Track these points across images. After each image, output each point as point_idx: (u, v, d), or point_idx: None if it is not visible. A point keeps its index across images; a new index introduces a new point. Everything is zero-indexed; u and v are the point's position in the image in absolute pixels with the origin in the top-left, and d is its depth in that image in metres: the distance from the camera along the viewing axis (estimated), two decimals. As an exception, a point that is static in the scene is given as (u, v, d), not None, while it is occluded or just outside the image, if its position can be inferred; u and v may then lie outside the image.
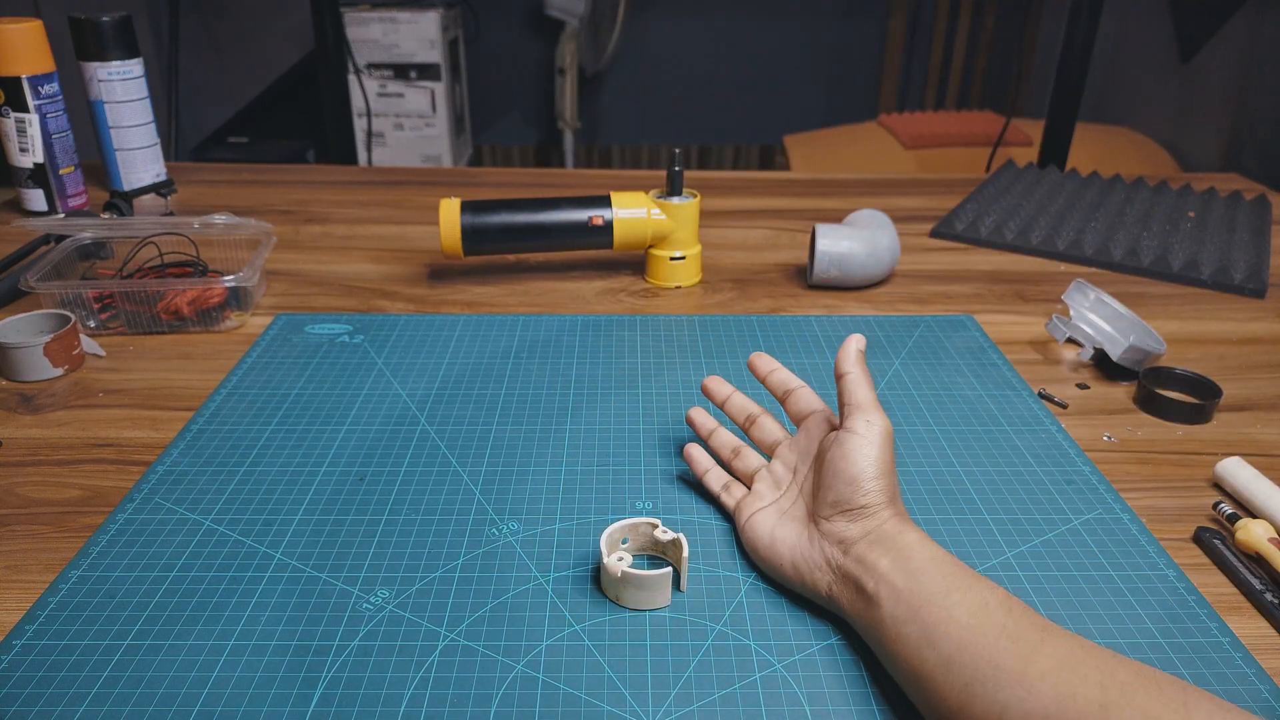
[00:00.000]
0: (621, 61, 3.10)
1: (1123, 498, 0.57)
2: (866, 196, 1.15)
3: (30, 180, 0.99)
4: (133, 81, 1.03)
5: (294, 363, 0.71)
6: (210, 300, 0.76)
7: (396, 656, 0.44)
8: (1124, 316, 0.72)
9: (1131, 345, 0.69)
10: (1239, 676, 0.44)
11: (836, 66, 3.13)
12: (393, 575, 0.49)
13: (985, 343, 0.76)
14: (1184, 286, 0.90)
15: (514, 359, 0.72)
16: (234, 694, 0.42)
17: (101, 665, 0.43)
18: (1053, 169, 1.22)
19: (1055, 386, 0.70)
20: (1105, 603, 0.48)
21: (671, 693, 0.43)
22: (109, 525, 0.53)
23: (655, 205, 0.85)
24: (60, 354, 0.69)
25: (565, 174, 1.23)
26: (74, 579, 0.49)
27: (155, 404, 0.66)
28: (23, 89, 0.95)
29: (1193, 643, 0.46)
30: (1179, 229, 1.00)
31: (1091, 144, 1.90)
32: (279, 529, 0.53)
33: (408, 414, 0.65)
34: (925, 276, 0.91)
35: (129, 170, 1.06)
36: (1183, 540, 0.54)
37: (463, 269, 0.91)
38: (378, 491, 0.56)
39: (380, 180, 1.20)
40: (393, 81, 2.66)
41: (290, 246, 0.95)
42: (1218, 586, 0.50)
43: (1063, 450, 0.62)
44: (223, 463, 0.59)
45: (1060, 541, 0.53)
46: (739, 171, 1.26)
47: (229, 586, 0.48)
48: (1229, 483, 0.57)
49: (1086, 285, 0.74)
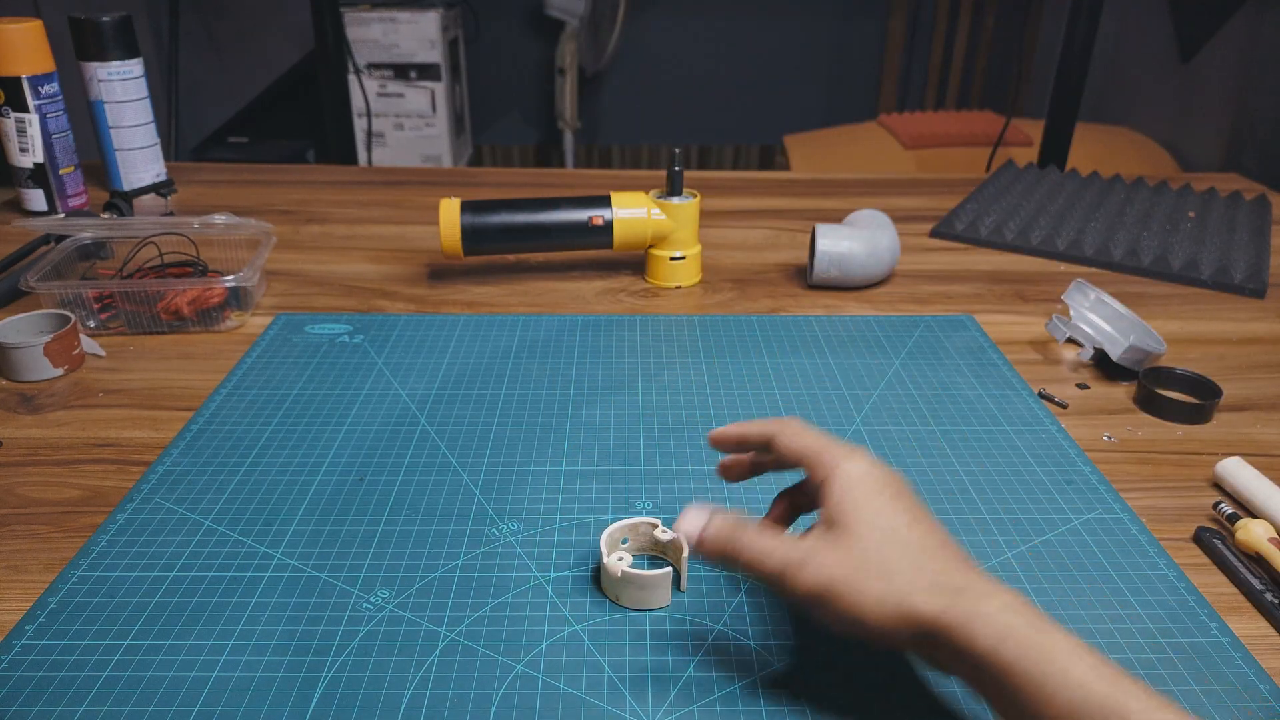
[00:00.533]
0: (621, 61, 3.10)
1: (1123, 498, 0.57)
2: (866, 196, 1.15)
3: (30, 180, 0.99)
4: (133, 81, 1.03)
5: (294, 363, 0.71)
6: (210, 300, 0.76)
7: (396, 656, 0.44)
8: (1124, 316, 0.72)
9: (1131, 345, 0.69)
10: (1239, 676, 0.44)
11: (836, 66, 3.13)
12: (393, 575, 0.49)
13: (985, 343, 0.76)
14: (1184, 286, 0.90)
15: (514, 359, 0.72)
16: (234, 694, 0.42)
17: (101, 665, 0.43)
18: (1053, 169, 1.22)
19: (1055, 386, 0.70)
20: (1105, 603, 0.48)
21: (672, 693, 0.43)
22: (109, 525, 0.53)
23: (655, 205, 0.85)
24: (60, 354, 0.69)
25: (565, 174, 1.23)
26: (74, 579, 0.49)
27: (155, 404, 0.66)
28: (23, 89, 0.95)
29: (1193, 643, 0.46)
30: (1179, 229, 1.00)
31: (1091, 144, 1.90)
32: (279, 529, 0.53)
33: (408, 414, 0.65)
34: (925, 276, 0.91)
35: (129, 170, 1.06)
36: (1183, 540, 0.54)
37: (463, 269, 0.91)
38: (378, 491, 0.56)
39: (380, 180, 1.20)
40: (393, 81, 2.66)
41: (290, 246, 0.95)
42: (1218, 586, 0.50)
43: (1063, 450, 0.62)
44: (223, 463, 0.59)
45: (1060, 541, 0.53)
46: (739, 171, 1.26)
47: (229, 586, 0.48)
48: (1229, 483, 0.57)
49: (1086, 285, 0.74)
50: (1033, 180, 1.17)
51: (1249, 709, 0.42)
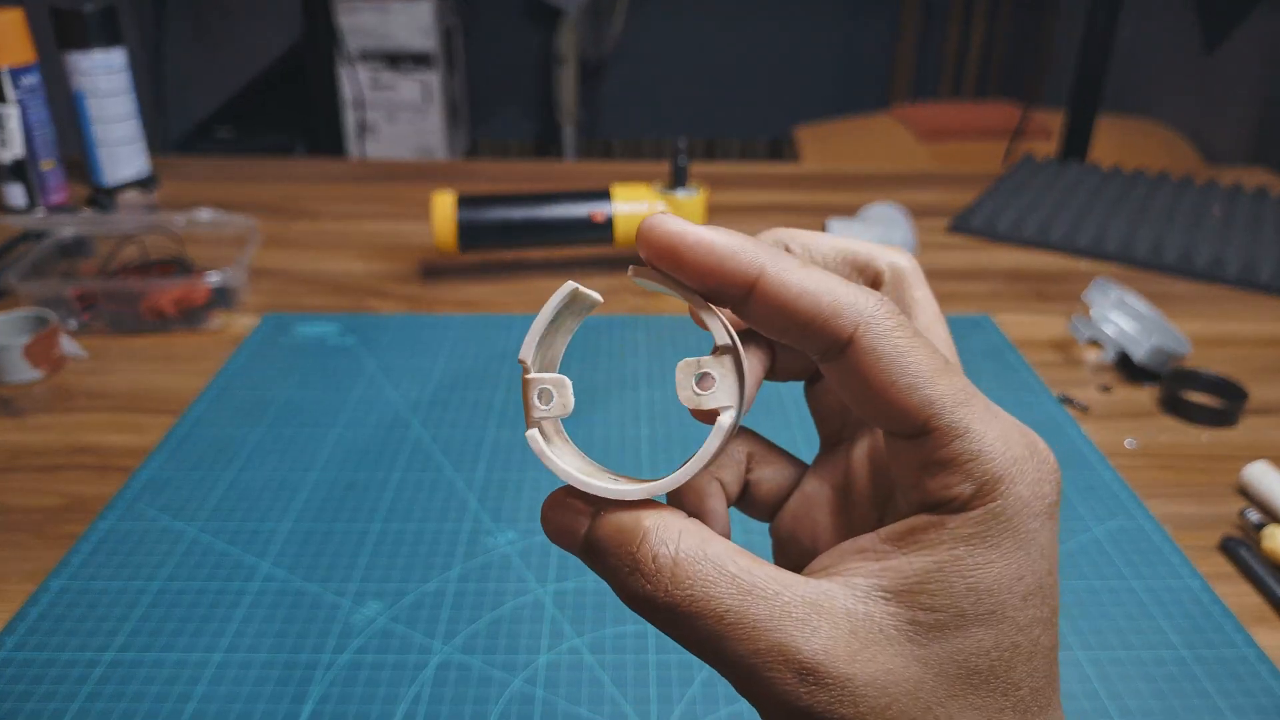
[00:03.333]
0: (623, 52, 3.07)
1: (1145, 505, 0.56)
2: (880, 190, 1.13)
3: (10, 175, 0.97)
4: (116, 73, 1.01)
5: (282, 364, 0.69)
6: (195, 299, 0.74)
7: (389, 672, 0.43)
8: (1147, 316, 0.71)
9: (1154, 346, 0.68)
10: (1264, 690, 0.43)
11: (848, 55, 3.09)
12: (385, 587, 0.48)
13: (1004, 344, 0.75)
14: (1209, 285, 0.88)
15: (511, 361, 0.71)
16: (220, 710, 0.41)
17: (83, 679, 0.42)
18: (1073, 163, 1.21)
19: (1076, 389, 0.69)
20: (1126, 614, 0.47)
21: (676, 709, 0.41)
22: (91, 534, 0.51)
23: (659, 199, 0.83)
24: (40, 355, 0.67)
25: (564, 167, 1.21)
26: (55, 589, 0.47)
27: (138, 407, 0.64)
28: (1, 81, 0.93)
29: (1217, 655, 0.45)
30: (1204, 225, 0.99)
31: (1112, 136, 1.88)
32: (266, 538, 0.51)
33: (400, 418, 0.63)
34: (942, 274, 0.89)
35: (111, 165, 1.04)
36: (1208, 549, 0.53)
37: (458, 267, 0.89)
38: (369, 499, 0.55)
39: (372, 174, 1.18)
40: (385, 71, 2.63)
41: (278, 243, 0.93)
42: (1243, 597, 0.49)
43: (1083, 456, 0.60)
44: (208, 469, 0.57)
45: (1080, 550, 0.52)
46: (747, 164, 1.24)
47: (214, 598, 0.47)
48: (1255, 489, 0.56)
49: (1108, 284, 0.73)
50: (1053, 174, 1.16)
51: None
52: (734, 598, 0.20)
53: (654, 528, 0.21)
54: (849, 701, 0.20)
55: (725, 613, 0.20)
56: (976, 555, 0.20)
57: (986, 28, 2.92)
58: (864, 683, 0.20)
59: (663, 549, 0.21)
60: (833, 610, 0.20)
